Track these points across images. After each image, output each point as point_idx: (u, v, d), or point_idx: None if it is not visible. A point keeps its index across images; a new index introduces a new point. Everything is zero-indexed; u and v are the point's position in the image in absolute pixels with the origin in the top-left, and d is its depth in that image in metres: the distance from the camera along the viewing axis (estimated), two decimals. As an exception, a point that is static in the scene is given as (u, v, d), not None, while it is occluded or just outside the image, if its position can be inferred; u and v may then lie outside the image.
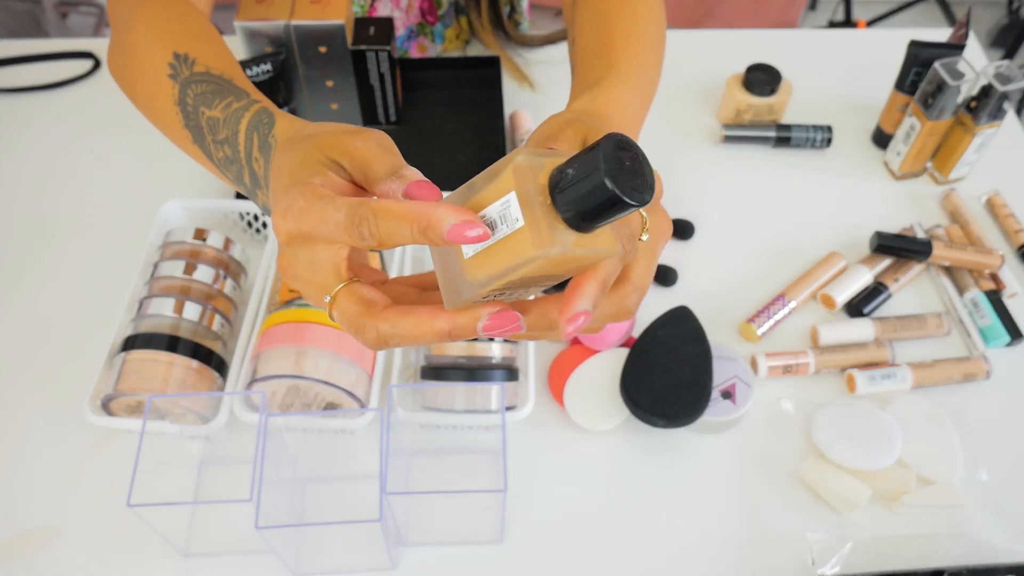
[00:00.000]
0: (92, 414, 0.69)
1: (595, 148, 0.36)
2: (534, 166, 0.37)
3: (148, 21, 0.60)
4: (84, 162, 0.95)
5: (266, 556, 0.68)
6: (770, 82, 0.95)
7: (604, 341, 0.78)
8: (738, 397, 0.74)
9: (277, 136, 0.50)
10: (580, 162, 0.36)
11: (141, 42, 0.60)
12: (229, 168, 0.54)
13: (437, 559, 0.69)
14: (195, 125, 0.55)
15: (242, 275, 0.81)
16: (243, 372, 0.71)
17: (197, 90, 0.56)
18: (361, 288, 0.43)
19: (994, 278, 0.86)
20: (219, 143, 0.54)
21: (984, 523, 0.70)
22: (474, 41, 1.08)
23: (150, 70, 0.58)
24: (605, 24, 0.65)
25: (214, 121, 0.54)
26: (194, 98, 0.56)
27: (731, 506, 0.72)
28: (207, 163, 0.57)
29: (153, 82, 0.58)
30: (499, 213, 0.38)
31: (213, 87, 0.55)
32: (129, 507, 0.57)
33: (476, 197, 0.39)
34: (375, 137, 0.44)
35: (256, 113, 0.52)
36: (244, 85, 0.55)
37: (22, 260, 0.87)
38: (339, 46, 0.88)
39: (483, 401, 0.71)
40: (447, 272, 0.41)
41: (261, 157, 0.51)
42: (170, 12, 0.61)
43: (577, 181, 0.36)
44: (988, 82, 0.85)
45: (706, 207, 0.92)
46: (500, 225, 0.38)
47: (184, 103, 0.56)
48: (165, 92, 0.56)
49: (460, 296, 0.40)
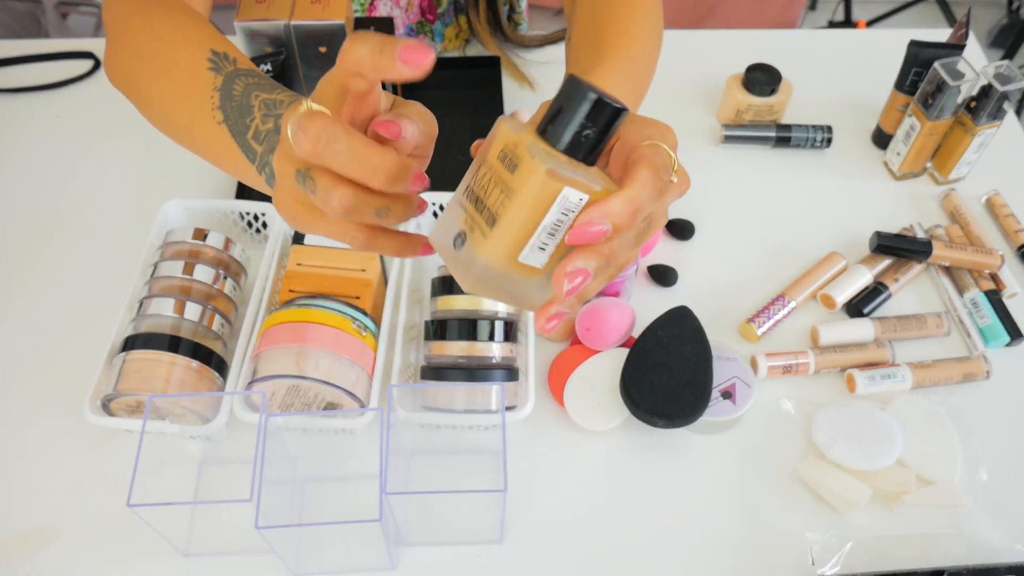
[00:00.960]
0: (92, 414, 0.69)
1: (564, 83, 0.37)
2: (519, 122, 0.39)
3: (174, 23, 0.61)
4: (84, 162, 0.95)
5: (266, 556, 0.68)
6: (770, 82, 0.95)
7: (604, 341, 0.78)
8: (738, 397, 0.74)
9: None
10: (557, 98, 0.38)
11: (167, 42, 0.61)
12: (262, 141, 0.53)
13: (437, 559, 0.69)
14: (237, 106, 0.55)
15: (242, 275, 0.81)
16: (243, 372, 0.71)
17: (248, 81, 0.56)
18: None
19: (994, 278, 0.86)
20: (270, 113, 0.53)
21: (984, 523, 0.70)
22: (474, 41, 1.08)
23: (184, 63, 0.58)
24: (600, 19, 0.66)
25: (277, 101, 0.54)
26: (245, 86, 0.56)
27: (731, 506, 0.72)
28: (218, 142, 0.56)
29: (189, 74, 0.58)
30: (502, 164, 0.38)
31: (267, 81, 0.56)
32: (129, 507, 0.57)
33: (481, 164, 0.40)
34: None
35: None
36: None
37: (22, 260, 0.87)
38: (339, 46, 0.87)
39: (483, 401, 0.71)
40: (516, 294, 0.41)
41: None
42: (191, 17, 0.62)
43: (559, 108, 0.37)
44: (988, 82, 0.85)
45: (706, 207, 0.92)
46: (506, 173, 0.38)
47: (229, 90, 0.56)
48: (202, 82, 0.57)
49: (539, 291, 0.40)
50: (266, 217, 0.84)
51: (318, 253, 0.76)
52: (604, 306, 0.78)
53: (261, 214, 0.84)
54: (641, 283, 0.86)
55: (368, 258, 0.76)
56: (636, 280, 0.85)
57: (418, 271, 0.83)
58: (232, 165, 0.57)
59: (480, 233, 0.38)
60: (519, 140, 0.37)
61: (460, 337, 0.71)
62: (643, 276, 0.86)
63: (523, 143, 0.37)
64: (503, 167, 0.38)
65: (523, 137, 0.37)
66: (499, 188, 0.38)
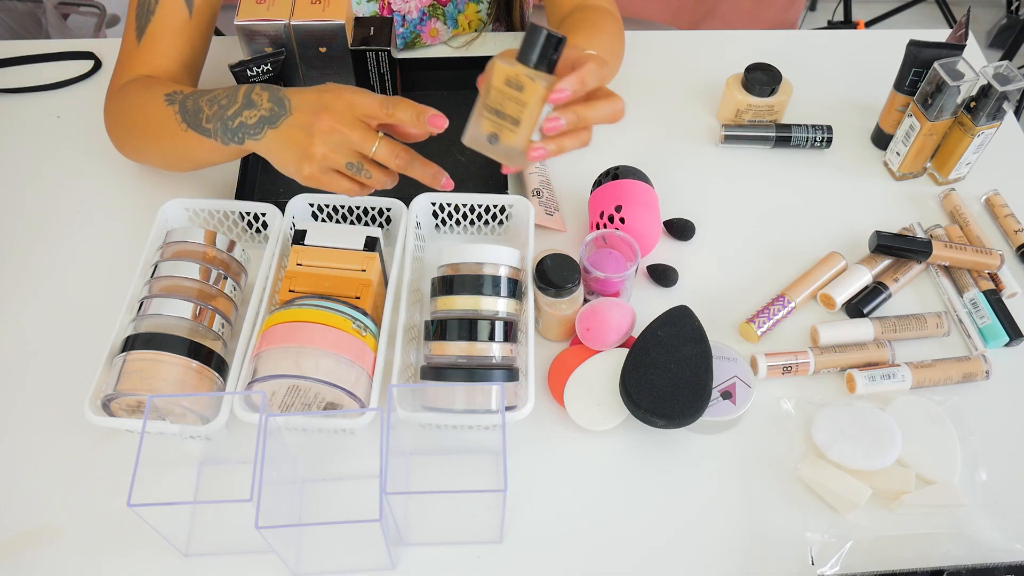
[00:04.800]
0: (92, 414, 0.69)
1: (529, 29, 0.62)
2: (509, 59, 0.63)
3: (136, 94, 0.83)
4: (84, 162, 0.95)
5: (266, 556, 0.68)
6: (770, 82, 0.95)
7: (604, 341, 0.78)
8: (738, 397, 0.74)
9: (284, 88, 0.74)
10: (528, 38, 0.62)
11: (136, 108, 0.82)
12: (222, 113, 0.74)
13: (437, 559, 0.69)
14: (192, 110, 0.76)
15: (242, 275, 0.81)
16: (243, 372, 0.71)
17: (194, 97, 0.77)
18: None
19: (993, 278, 0.86)
20: (214, 101, 0.75)
21: (984, 523, 0.70)
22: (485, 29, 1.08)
23: (151, 113, 0.80)
24: (572, 25, 0.90)
25: (215, 96, 0.75)
26: (194, 100, 0.77)
27: (731, 506, 0.72)
28: (193, 141, 0.77)
29: (153, 111, 0.79)
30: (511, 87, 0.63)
31: (205, 91, 0.77)
32: (129, 507, 0.57)
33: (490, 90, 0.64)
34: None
35: (250, 84, 0.75)
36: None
37: (22, 260, 0.87)
38: (339, 46, 0.88)
39: (483, 401, 0.71)
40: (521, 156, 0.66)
41: (264, 91, 0.73)
42: (147, 81, 0.84)
43: (531, 44, 0.62)
44: (987, 82, 0.85)
45: (706, 207, 0.92)
46: (516, 92, 0.63)
47: (184, 107, 0.77)
48: (167, 116, 0.78)
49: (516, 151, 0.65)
50: (266, 217, 0.84)
51: (318, 253, 0.76)
52: (604, 306, 0.78)
53: (261, 214, 0.84)
54: (641, 283, 0.86)
55: (368, 258, 0.76)
56: (636, 280, 0.85)
57: (418, 271, 0.83)
58: (205, 151, 0.78)
59: (509, 131, 0.64)
60: (518, 71, 0.62)
61: (460, 337, 0.71)
62: (643, 276, 0.87)
63: (522, 73, 0.62)
64: (511, 88, 0.62)
65: (519, 68, 0.62)
66: (513, 102, 0.62)
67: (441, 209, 0.86)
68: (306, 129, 0.70)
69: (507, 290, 0.74)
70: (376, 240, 0.78)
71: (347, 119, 0.69)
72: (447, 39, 1.07)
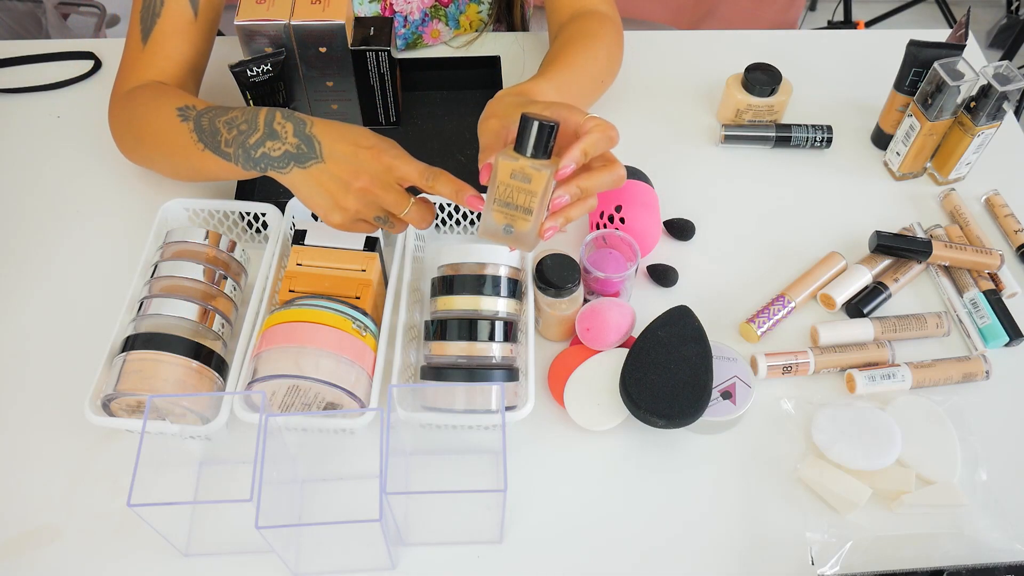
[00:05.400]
0: (92, 414, 0.69)
1: (522, 120, 0.64)
2: (509, 153, 0.65)
3: (145, 105, 0.82)
4: (84, 162, 0.95)
5: (266, 556, 0.68)
6: (770, 82, 0.95)
7: (604, 341, 0.78)
8: (738, 397, 0.74)
9: (309, 118, 0.73)
10: (521, 130, 0.64)
11: (146, 120, 0.81)
12: (242, 139, 0.73)
13: (437, 559, 0.69)
14: (209, 131, 0.75)
15: (242, 275, 0.81)
16: (243, 372, 0.71)
17: (209, 115, 0.76)
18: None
19: (993, 278, 0.86)
20: (233, 125, 0.74)
21: (984, 523, 0.70)
22: (486, 29, 1.08)
23: (163, 128, 0.79)
24: (561, 44, 0.90)
25: (232, 118, 0.74)
26: (209, 119, 0.76)
27: (731, 506, 0.72)
28: (210, 162, 0.76)
29: (165, 124, 0.78)
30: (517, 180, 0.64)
31: (220, 108, 0.76)
32: (129, 507, 0.57)
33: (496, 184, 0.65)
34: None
35: (271, 108, 0.74)
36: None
37: (22, 260, 0.87)
38: (339, 46, 0.88)
39: (483, 401, 0.71)
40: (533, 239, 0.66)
41: (287, 122, 0.72)
42: (156, 90, 0.82)
43: (526, 136, 0.63)
44: (987, 82, 0.85)
45: (706, 207, 0.92)
46: (524, 184, 0.64)
47: (199, 126, 0.76)
48: (177, 128, 0.77)
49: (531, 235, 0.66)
50: (266, 217, 0.84)
51: (318, 253, 0.76)
52: (604, 306, 0.78)
53: (261, 214, 0.84)
54: (641, 283, 0.86)
55: (368, 258, 0.76)
56: (636, 280, 0.85)
57: (418, 271, 0.83)
58: (223, 172, 0.76)
59: (522, 220, 0.65)
60: (522, 164, 0.64)
61: (460, 337, 0.71)
62: (643, 276, 0.87)
63: (526, 165, 0.64)
64: (519, 181, 0.64)
65: (522, 161, 0.64)
66: (522, 192, 0.64)
67: (441, 209, 0.86)
68: (341, 183, 0.69)
69: (507, 290, 0.74)
70: (376, 240, 0.78)
71: (383, 183, 0.69)
72: (448, 39, 1.07)
